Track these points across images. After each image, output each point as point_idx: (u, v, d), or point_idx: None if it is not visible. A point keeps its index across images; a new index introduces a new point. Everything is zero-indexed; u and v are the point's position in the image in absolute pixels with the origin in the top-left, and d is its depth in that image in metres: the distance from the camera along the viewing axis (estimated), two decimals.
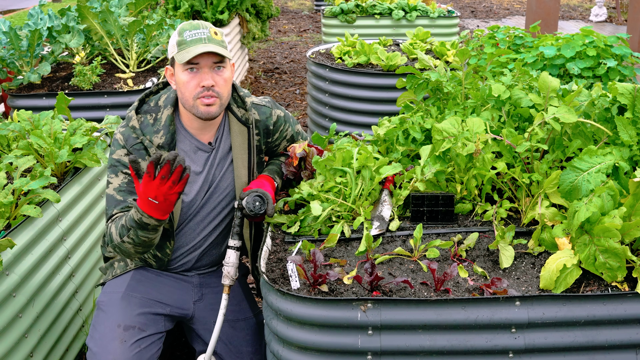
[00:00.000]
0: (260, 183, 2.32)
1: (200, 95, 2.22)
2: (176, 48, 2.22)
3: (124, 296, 2.34)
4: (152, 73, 4.46)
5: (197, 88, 2.22)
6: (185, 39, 2.21)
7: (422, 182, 2.26)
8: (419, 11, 6.92)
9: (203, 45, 2.19)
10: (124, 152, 2.27)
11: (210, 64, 2.22)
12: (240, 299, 2.52)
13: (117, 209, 2.25)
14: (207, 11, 6.54)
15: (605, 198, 1.94)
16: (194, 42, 2.20)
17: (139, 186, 1.99)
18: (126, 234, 2.12)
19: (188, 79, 2.22)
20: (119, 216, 2.21)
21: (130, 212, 2.08)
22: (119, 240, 2.16)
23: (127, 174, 2.26)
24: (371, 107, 4.55)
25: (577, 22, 11.60)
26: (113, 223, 2.20)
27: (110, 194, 2.27)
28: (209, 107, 2.24)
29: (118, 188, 2.26)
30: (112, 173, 2.28)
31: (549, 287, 1.89)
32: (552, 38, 3.83)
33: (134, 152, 2.26)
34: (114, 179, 2.27)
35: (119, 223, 2.16)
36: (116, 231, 2.17)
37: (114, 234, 2.18)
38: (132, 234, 2.10)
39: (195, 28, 2.23)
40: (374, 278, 1.88)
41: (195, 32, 2.21)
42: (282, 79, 7.77)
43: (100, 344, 2.23)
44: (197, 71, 2.22)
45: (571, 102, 2.25)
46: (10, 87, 4.19)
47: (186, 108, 2.28)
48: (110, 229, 2.20)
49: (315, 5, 12.61)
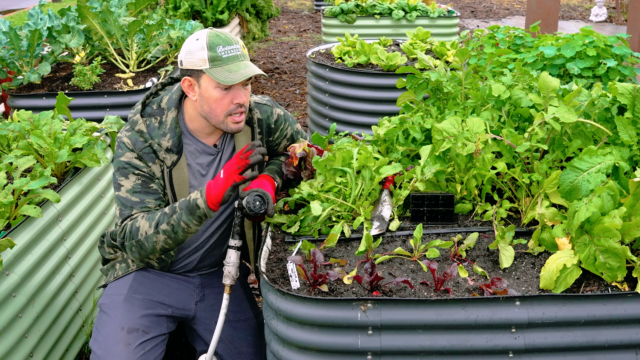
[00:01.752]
0: (260, 183, 2.33)
1: (233, 112, 2.22)
2: (208, 63, 2.16)
3: (126, 298, 2.34)
4: (152, 73, 4.47)
5: (231, 105, 2.21)
6: (220, 54, 2.16)
7: (422, 182, 2.26)
8: (419, 11, 6.92)
9: (244, 64, 2.18)
10: (133, 155, 2.24)
11: (244, 81, 2.21)
12: (241, 299, 2.53)
13: (136, 209, 2.24)
14: (207, 11, 6.54)
15: (605, 198, 1.94)
16: (231, 60, 2.17)
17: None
18: (167, 220, 2.16)
19: (221, 96, 2.20)
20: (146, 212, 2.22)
21: (192, 195, 2.16)
22: (150, 232, 2.17)
23: (139, 175, 2.24)
24: (371, 107, 4.55)
25: (577, 22, 11.60)
26: (142, 218, 2.20)
27: (124, 196, 2.24)
28: (239, 124, 2.26)
29: (132, 189, 2.24)
30: (122, 176, 2.25)
31: (549, 287, 1.90)
32: (552, 38, 3.83)
33: (143, 155, 2.24)
34: (125, 181, 2.25)
35: (156, 214, 2.18)
36: (149, 222, 2.18)
37: (143, 225, 2.18)
38: (175, 219, 2.15)
39: (228, 43, 2.18)
40: (374, 278, 1.88)
41: (230, 49, 2.17)
42: (282, 79, 7.77)
43: (104, 346, 2.23)
44: (231, 88, 2.20)
45: (571, 102, 2.25)
46: (10, 87, 4.19)
47: (212, 122, 2.26)
48: (136, 224, 2.19)
49: (315, 5, 12.61)
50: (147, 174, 2.24)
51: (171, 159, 2.26)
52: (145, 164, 2.25)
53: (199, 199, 2.13)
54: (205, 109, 2.24)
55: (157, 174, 2.26)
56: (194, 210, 2.14)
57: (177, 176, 2.28)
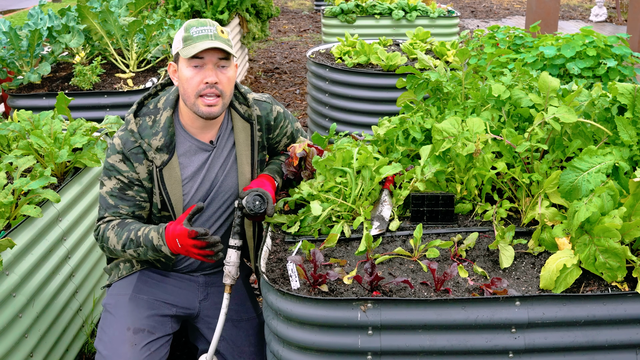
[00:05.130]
0: (260, 182, 2.32)
1: (202, 92, 2.22)
2: (182, 43, 2.21)
3: (131, 298, 2.35)
4: (152, 73, 4.46)
5: (200, 84, 2.21)
6: (192, 34, 2.20)
7: (422, 182, 2.26)
8: (419, 11, 6.92)
9: (209, 41, 2.19)
10: (119, 157, 2.27)
11: (215, 60, 2.21)
12: (243, 299, 2.53)
13: (108, 213, 2.30)
14: (207, 11, 6.54)
15: (605, 198, 1.94)
16: (200, 39, 2.19)
17: (178, 223, 2.14)
18: (134, 248, 2.22)
19: (192, 75, 2.21)
20: (116, 223, 2.27)
21: (150, 233, 2.18)
22: (118, 249, 2.25)
23: (119, 180, 2.27)
24: (371, 107, 4.55)
25: (577, 22, 11.60)
26: (112, 230, 2.26)
27: (103, 195, 2.31)
28: (210, 107, 2.24)
29: (110, 192, 2.29)
30: (106, 175, 2.30)
31: (549, 287, 1.89)
32: (552, 38, 3.83)
33: (132, 155, 2.25)
34: (107, 181, 2.30)
35: (123, 233, 2.23)
36: (117, 239, 2.24)
37: (112, 239, 2.25)
38: (142, 251, 2.21)
39: (202, 25, 2.22)
40: (374, 278, 1.88)
41: (202, 29, 2.21)
42: (282, 79, 7.77)
43: (110, 347, 2.24)
44: (202, 67, 2.21)
45: (571, 102, 2.25)
46: (10, 87, 4.19)
47: (187, 105, 2.27)
48: (107, 233, 2.26)
49: (315, 5, 12.61)
50: (127, 179, 2.27)
51: (161, 158, 2.27)
52: (129, 167, 2.26)
53: (163, 246, 2.18)
54: (181, 91, 2.27)
55: (143, 175, 2.27)
56: (158, 251, 2.21)
57: (169, 175, 2.28)
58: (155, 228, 2.20)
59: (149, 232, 2.19)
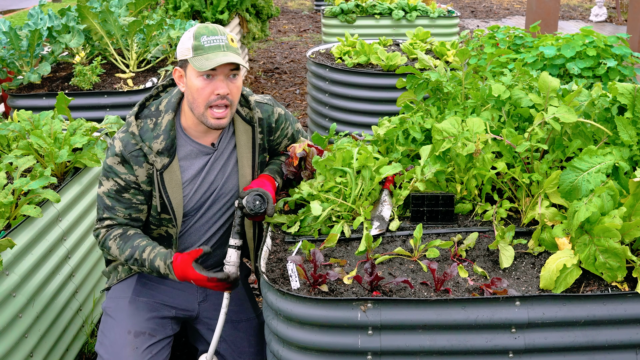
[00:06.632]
0: (260, 182, 2.32)
1: (213, 103, 2.19)
2: (192, 52, 2.16)
3: (131, 301, 2.35)
4: (152, 73, 4.46)
5: (212, 96, 2.18)
6: (203, 44, 2.15)
7: (422, 182, 2.26)
8: (419, 11, 6.92)
9: (223, 54, 2.14)
10: (117, 159, 2.24)
11: (226, 71, 2.18)
12: (242, 300, 2.53)
13: (106, 214, 2.30)
14: (207, 11, 6.54)
15: (605, 198, 1.94)
16: (212, 49, 2.14)
17: (187, 264, 2.15)
18: (137, 266, 2.25)
19: (203, 86, 2.17)
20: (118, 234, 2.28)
21: (157, 261, 2.20)
22: (120, 259, 2.28)
23: (116, 182, 2.26)
24: (371, 107, 4.55)
25: (577, 22, 11.60)
26: (113, 241, 2.27)
27: (101, 195, 2.30)
28: (219, 120, 2.22)
29: (107, 193, 2.28)
30: (104, 176, 2.29)
31: (549, 287, 1.89)
32: (552, 38, 3.83)
33: (132, 158, 2.23)
34: (105, 182, 2.28)
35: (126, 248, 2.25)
36: (119, 251, 2.26)
37: (114, 250, 2.27)
38: (145, 270, 2.25)
39: (213, 34, 2.16)
40: (374, 278, 1.88)
41: (214, 38, 2.16)
42: (282, 79, 7.77)
43: (111, 351, 2.24)
44: (212, 78, 2.18)
45: (571, 102, 2.25)
46: (10, 87, 4.19)
47: (194, 114, 2.23)
48: (108, 242, 2.28)
49: (315, 5, 12.61)
50: (124, 181, 2.25)
51: (162, 161, 2.24)
52: (128, 170, 2.24)
53: (170, 275, 2.19)
54: (189, 99, 2.23)
55: (142, 178, 2.25)
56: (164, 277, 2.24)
57: (170, 179, 2.26)
58: (161, 256, 2.20)
59: (154, 259, 2.20)
